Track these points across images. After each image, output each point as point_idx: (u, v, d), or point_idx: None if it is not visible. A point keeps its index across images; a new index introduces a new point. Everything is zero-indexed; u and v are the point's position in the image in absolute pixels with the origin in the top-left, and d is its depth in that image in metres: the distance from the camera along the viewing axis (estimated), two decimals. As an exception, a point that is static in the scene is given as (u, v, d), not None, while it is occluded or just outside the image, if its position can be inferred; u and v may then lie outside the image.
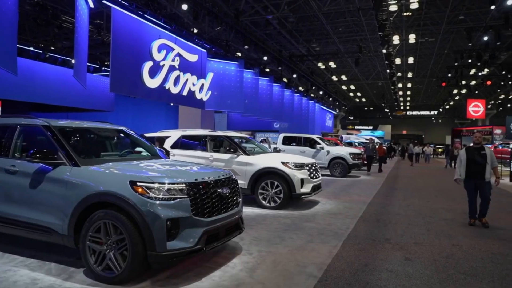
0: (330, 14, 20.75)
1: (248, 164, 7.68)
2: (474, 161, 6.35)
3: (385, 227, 6.32)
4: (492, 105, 45.64)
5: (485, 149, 6.42)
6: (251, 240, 5.26)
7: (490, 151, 6.43)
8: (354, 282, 3.83)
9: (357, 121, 61.14)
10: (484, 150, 6.40)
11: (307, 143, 15.73)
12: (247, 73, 17.33)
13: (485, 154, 6.34)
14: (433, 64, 32.34)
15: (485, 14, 20.10)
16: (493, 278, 4.05)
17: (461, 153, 6.65)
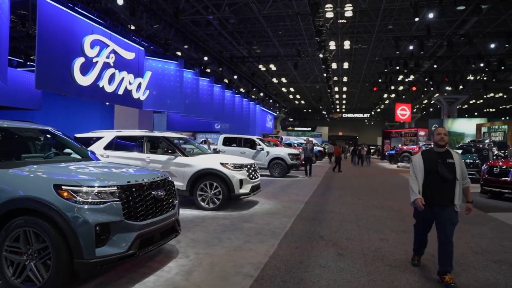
0: (271, 18, 21.16)
1: (186, 166, 7.54)
2: (437, 174, 3.95)
3: (320, 225, 6.58)
4: (417, 109, 49.69)
5: (452, 155, 4.03)
6: (188, 242, 5.17)
7: (459, 158, 4.08)
8: (289, 280, 3.92)
9: (296, 123, 63.06)
10: (451, 157, 4.01)
11: (247, 144, 15.87)
12: (187, 73, 17.08)
13: (453, 164, 3.97)
14: (366, 70, 34.37)
15: (410, 25, 21.82)
16: (414, 268, 4.38)
17: (414, 160, 4.19)
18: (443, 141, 3.96)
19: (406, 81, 34.12)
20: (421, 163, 4.03)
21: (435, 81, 30.64)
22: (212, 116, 20.55)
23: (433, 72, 29.54)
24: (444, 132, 3.99)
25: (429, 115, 50.22)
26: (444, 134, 3.96)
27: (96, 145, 7.84)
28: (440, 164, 3.93)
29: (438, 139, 3.98)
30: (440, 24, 21.42)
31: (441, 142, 3.96)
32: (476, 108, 52.67)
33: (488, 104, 50.57)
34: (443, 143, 3.96)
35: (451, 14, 19.91)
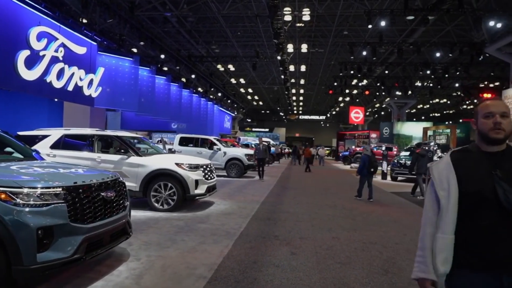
0: (230, 18, 21.13)
1: (140, 166, 7.32)
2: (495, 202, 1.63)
3: (275, 225, 6.65)
4: (370, 112, 51.82)
5: None
6: (140, 245, 5.01)
7: None
8: (242, 280, 3.93)
9: (254, 124, 63.45)
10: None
11: (204, 144, 15.72)
12: (143, 71, 16.60)
13: None
14: (322, 73, 35.32)
15: (364, 31, 22.73)
16: (363, 265, 4.56)
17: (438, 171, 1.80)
18: (499, 132, 1.71)
19: (359, 85, 35.52)
20: (451, 177, 1.73)
21: (386, 86, 32.12)
22: (169, 115, 20.13)
23: (384, 78, 30.98)
24: (501, 109, 1.74)
25: (380, 118, 52.56)
26: (501, 114, 1.72)
27: (42, 144, 7.39)
28: (498, 180, 1.65)
29: (488, 127, 1.73)
30: (392, 32, 22.51)
31: (494, 134, 1.71)
32: (423, 112, 55.92)
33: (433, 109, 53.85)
34: (500, 135, 1.71)
35: (401, 23, 20.98)
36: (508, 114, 1.75)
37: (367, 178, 10.14)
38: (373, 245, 5.47)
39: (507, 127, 1.71)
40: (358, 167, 10.45)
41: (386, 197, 11.28)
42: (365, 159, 10.13)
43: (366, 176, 10.11)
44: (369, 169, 10.02)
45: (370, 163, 10.04)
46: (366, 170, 10.04)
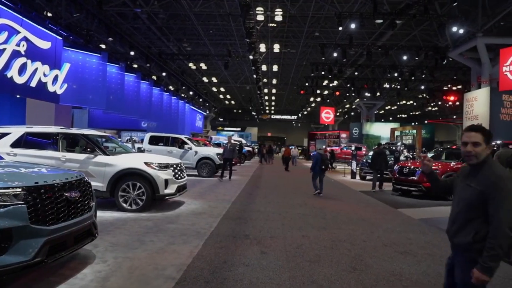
0: (202, 16, 20.95)
1: (107, 165, 7.11)
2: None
3: (246, 224, 6.65)
4: (340, 113, 52.90)
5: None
6: (107, 246, 4.87)
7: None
8: (212, 280, 3.90)
9: (226, 123, 63.24)
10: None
11: (175, 144, 15.50)
12: (111, 67, 16.16)
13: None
14: (294, 73, 35.70)
15: (335, 33, 23.16)
16: (331, 263, 4.63)
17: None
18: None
19: (330, 86, 36.18)
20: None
21: (356, 87, 32.90)
22: (139, 113, 19.70)
23: (354, 79, 31.71)
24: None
25: (350, 119, 53.77)
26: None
27: (1, 142, 7.02)
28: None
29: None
30: (361, 35, 23.07)
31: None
32: (391, 113, 57.71)
33: (401, 110, 55.71)
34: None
35: (371, 27, 21.56)
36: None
37: (319, 174, 10.92)
38: (342, 243, 5.57)
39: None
40: (311, 165, 11.28)
41: (355, 196, 11.54)
42: (318, 157, 10.96)
43: (318, 172, 10.89)
44: (320, 166, 10.79)
45: (322, 161, 10.82)
46: (318, 167, 10.78)
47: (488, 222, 2.18)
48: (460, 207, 2.33)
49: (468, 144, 2.29)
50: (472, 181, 2.28)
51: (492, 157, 2.46)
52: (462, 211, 2.31)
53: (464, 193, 2.34)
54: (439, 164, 11.37)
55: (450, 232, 2.40)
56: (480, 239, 2.19)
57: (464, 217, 2.29)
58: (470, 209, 2.26)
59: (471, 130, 2.33)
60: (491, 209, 2.16)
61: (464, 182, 2.36)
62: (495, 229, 2.13)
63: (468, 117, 20.20)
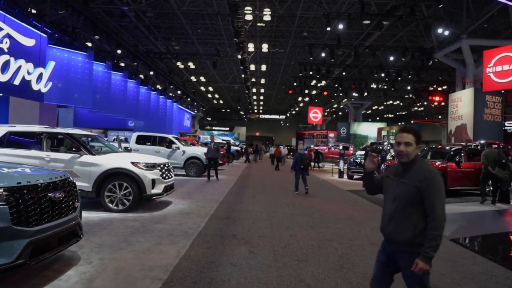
0: (190, 15, 20.84)
1: (93, 165, 7.01)
2: None
3: (234, 224, 6.63)
4: (328, 113, 53.24)
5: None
6: (92, 247, 4.80)
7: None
8: (199, 280, 3.87)
9: (214, 122, 63.01)
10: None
11: (162, 143, 15.37)
12: (97, 66, 15.93)
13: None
14: (282, 73, 35.78)
15: (323, 34, 23.28)
16: (319, 261, 4.65)
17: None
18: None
19: (318, 86, 36.36)
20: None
21: (343, 87, 33.16)
22: (125, 113, 19.47)
23: (342, 79, 31.94)
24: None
25: (338, 119, 54.16)
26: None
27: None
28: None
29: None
30: (349, 35, 23.25)
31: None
32: (378, 113, 58.28)
33: (387, 110, 56.31)
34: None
35: (358, 27, 21.74)
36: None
37: (301, 173, 11.31)
38: (329, 242, 5.60)
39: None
40: (292, 164, 11.77)
41: (343, 195, 11.62)
42: (298, 157, 11.46)
43: (300, 171, 11.28)
44: (300, 165, 11.25)
45: (301, 160, 11.26)
46: (298, 166, 11.24)
47: (424, 216, 2.35)
48: (397, 204, 2.44)
49: (401, 144, 2.44)
50: (406, 179, 2.43)
51: (419, 156, 2.56)
52: (399, 208, 2.43)
53: (399, 190, 2.46)
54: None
55: (387, 229, 2.50)
56: (419, 233, 2.35)
57: (403, 213, 2.42)
58: (408, 205, 2.39)
59: (403, 131, 2.49)
60: (428, 203, 2.33)
61: (397, 180, 2.49)
62: (434, 221, 2.30)
63: (453, 117, 20.55)
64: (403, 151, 2.44)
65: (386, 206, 2.56)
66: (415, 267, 2.30)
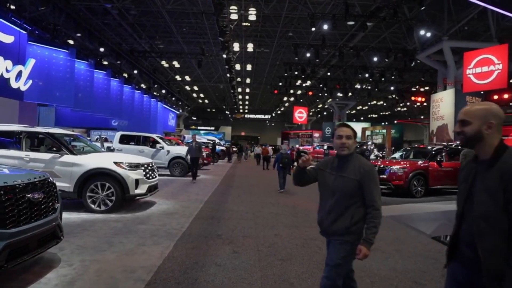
0: (175, 13, 20.66)
1: (74, 165, 6.87)
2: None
3: (218, 224, 6.61)
4: (313, 113, 53.57)
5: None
6: (73, 249, 4.70)
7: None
8: (183, 281, 3.84)
9: (199, 122, 62.70)
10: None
11: (146, 143, 15.20)
12: (80, 64, 15.64)
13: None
14: (267, 73, 35.82)
15: (308, 34, 23.40)
16: (303, 261, 4.67)
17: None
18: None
19: (303, 86, 36.56)
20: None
21: (328, 87, 33.43)
22: (109, 112, 19.18)
23: (327, 79, 32.19)
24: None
25: (323, 118, 54.57)
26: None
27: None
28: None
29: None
30: (333, 36, 23.44)
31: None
32: (362, 113, 58.98)
33: (371, 110, 57.04)
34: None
35: (343, 28, 21.94)
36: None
37: (282, 171, 11.69)
38: (313, 241, 5.63)
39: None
40: (273, 163, 12.37)
41: (327, 194, 11.71)
42: (278, 156, 12.08)
43: (281, 170, 11.69)
44: (279, 164, 11.75)
45: (281, 159, 11.73)
46: (278, 165, 11.77)
47: (360, 207, 2.57)
48: (337, 197, 2.61)
49: (342, 137, 2.63)
50: (345, 172, 2.61)
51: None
52: (339, 200, 2.60)
53: (338, 183, 2.62)
54: (407, 163, 11.72)
55: (326, 222, 2.67)
56: (356, 222, 2.57)
57: (342, 205, 2.59)
58: (347, 198, 2.57)
59: (343, 126, 2.70)
60: (368, 195, 2.54)
61: (335, 174, 2.66)
62: (375, 211, 2.53)
63: (434, 117, 20.96)
64: (345, 144, 2.62)
65: (324, 199, 2.73)
66: (359, 253, 2.50)
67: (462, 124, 1.89)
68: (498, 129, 1.82)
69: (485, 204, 1.73)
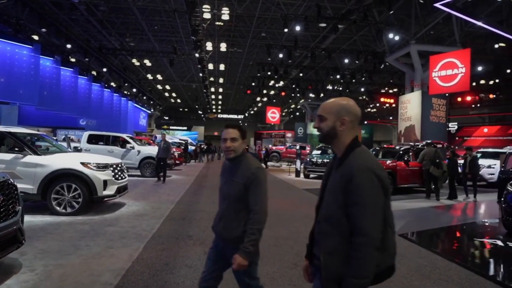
0: (146, 10, 20.26)
1: (38, 166, 6.59)
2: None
3: (190, 225, 6.52)
4: (285, 113, 54.00)
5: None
6: (36, 254, 4.50)
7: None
8: (152, 284, 3.76)
9: (172, 122, 61.80)
10: None
11: (116, 143, 14.81)
12: (45, 61, 15.08)
13: None
14: (241, 73, 35.78)
15: (281, 35, 23.56)
16: (274, 260, 4.69)
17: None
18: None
19: (276, 86, 36.78)
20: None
21: (301, 88, 33.78)
22: (76, 110, 18.57)
23: (299, 80, 32.53)
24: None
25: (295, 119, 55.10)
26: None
27: None
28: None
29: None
30: (306, 37, 23.71)
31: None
32: (333, 114, 59.85)
33: (342, 111, 57.99)
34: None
35: (315, 30, 22.24)
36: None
37: None
38: (285, 241, 5.67)
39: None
40: None
41: (299, 194, 11.83)
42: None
43: None
44: None
45: None
46: None
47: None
48: (227, 202, 2.43)
49: (227, 140, 2.42)
50: (234, 176, 2.42)
51: (248, 153, 2.56)
52: (229, 206, 2.42)
53: (227, 188, 2.46)
54: (376, 163, 12.00)
55: (218, 227, 2.47)
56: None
57: (232, 211, 2.40)
58: (237, 203, 2.37)
59: (229, 127, 2.49)
60: (251, 197, 2.33)
61: (226, 178, 2.50)
62: (255, 215, 2.31)
63: (402, 118, 21.62)
64: (230, 147, 2.42)
65: (219, 205, 2.57)
66: (233, 263, 2.27)
67: (320, 119, 1.84)
68: (352, 126, 1.77)
69: (329, 205, 1.73)
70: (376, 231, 1.61)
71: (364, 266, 1.59)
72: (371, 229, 1.60)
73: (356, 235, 1.61)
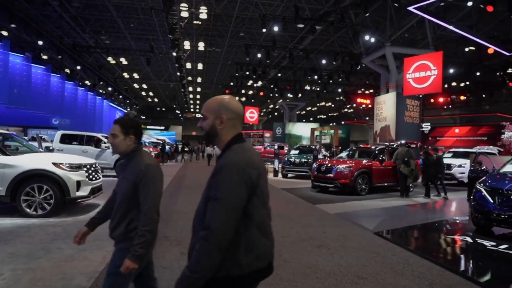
0: (122, 8, 19.88)
1: (6, 166, 6.35)
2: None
3: (166, 225, 6.44)
4: (264, 113, 54.18)
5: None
6: (3, 257, 4.34)
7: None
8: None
9: (149, 121, 60.88)
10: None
11: (90, 142, 14.45)
12: (15, 57, 14.57)
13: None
14: (219, 72, 35.64)
15: (259, 35, 23.62)
16: (251, 260, 4.68)
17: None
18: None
19: (255, 86, 36.86)
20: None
21: (279, 88, 33.96)
22: (48, 109, 18.03)
23: (277, 80, 32.70)
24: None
25: (274, 119, 55.36)
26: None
27: None
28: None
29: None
30: (284, 38, 23.87)
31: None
32: (311, 114, 60.63)
33: (320, 111, 58.83)
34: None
35: (293, 30, 22.42)
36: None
37: None
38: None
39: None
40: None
41: (276, 193, 11.87)
42: None
43: None
44: None
45: None
46: None
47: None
48: (118, 200, 2.33)
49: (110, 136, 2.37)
50: (126, 173, 2.33)
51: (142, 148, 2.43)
52: (120, 205, 2.31)
53: (119, 186, 2.38)
54: (352, 162, 12.22)
55: (110, 227, 2.36)
56: (133, 228, 2.23)
57: (122, 210, 2.29)
58: (126, 201, 2.27)
59: (113, 123, 2.40)
60: (141, 197, 2.21)
61: (121, 176, 2.40)
62: (144, 216, 2.18)
63: (378, 118, 22.08)
64: (111, 143, 2.37)
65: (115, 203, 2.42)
66: (123, 266, 2.13)
67: (202, 119, 1.82)
68: (232, 124, 1.76)
69: (201, 202, 1.75)
70: (222, 228, 1.54)
71: (199, 261, 1.54)
72: (216, 225, 1.54)
73: (203, 228, 1.58)
